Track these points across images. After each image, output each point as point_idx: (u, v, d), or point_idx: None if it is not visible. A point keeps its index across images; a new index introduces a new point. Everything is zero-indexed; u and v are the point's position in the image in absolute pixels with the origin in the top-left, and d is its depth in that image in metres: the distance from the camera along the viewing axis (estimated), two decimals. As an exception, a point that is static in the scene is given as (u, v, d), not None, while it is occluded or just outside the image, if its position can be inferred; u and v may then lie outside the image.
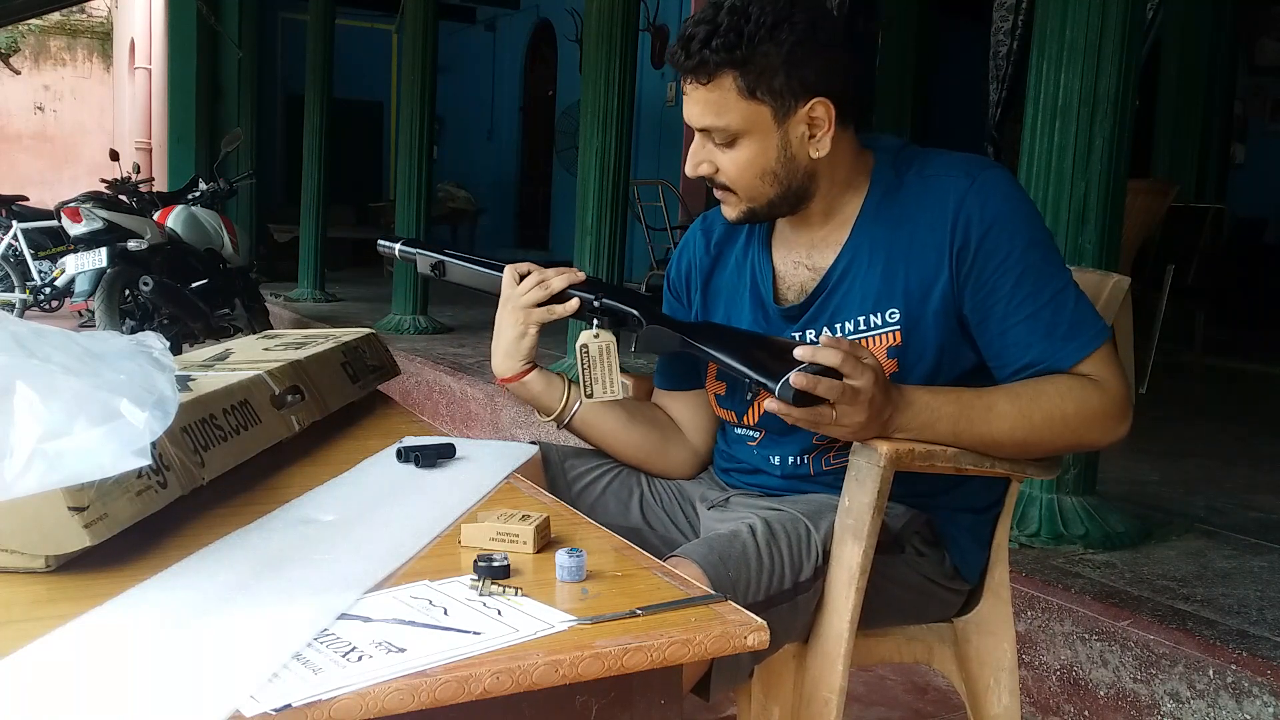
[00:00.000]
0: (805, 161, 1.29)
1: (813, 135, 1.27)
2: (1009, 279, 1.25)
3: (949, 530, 1.36)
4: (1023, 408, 1.23)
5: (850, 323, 1.31)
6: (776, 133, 1.26)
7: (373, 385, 1.60)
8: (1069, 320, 1.25)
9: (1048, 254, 1.27)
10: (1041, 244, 1.27)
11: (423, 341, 5.80)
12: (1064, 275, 1.27)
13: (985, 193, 1.26)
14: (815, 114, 1.26)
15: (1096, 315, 1.28)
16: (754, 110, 1.25)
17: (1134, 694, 1.94)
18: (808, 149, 1.28)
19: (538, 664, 0.73)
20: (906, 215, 1.30)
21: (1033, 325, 1.25)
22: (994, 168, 1.30)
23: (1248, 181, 7.93)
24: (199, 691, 0.67)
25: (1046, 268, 1.26)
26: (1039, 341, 1.25)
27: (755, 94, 1.24)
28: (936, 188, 1.29)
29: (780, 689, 1.28)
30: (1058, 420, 1.23)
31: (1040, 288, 1.25)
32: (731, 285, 1.43)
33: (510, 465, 1.25)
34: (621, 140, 4.25)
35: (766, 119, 1.26)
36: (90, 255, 5.27)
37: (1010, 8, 6.23)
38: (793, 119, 1.26)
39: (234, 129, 7.84)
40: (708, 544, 1.21)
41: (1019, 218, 1.27)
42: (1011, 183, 1.30)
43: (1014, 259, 1.25)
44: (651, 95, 9.06)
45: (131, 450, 0.84)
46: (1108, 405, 1.24)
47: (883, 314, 1.29)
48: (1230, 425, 4.21)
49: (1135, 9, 2.37)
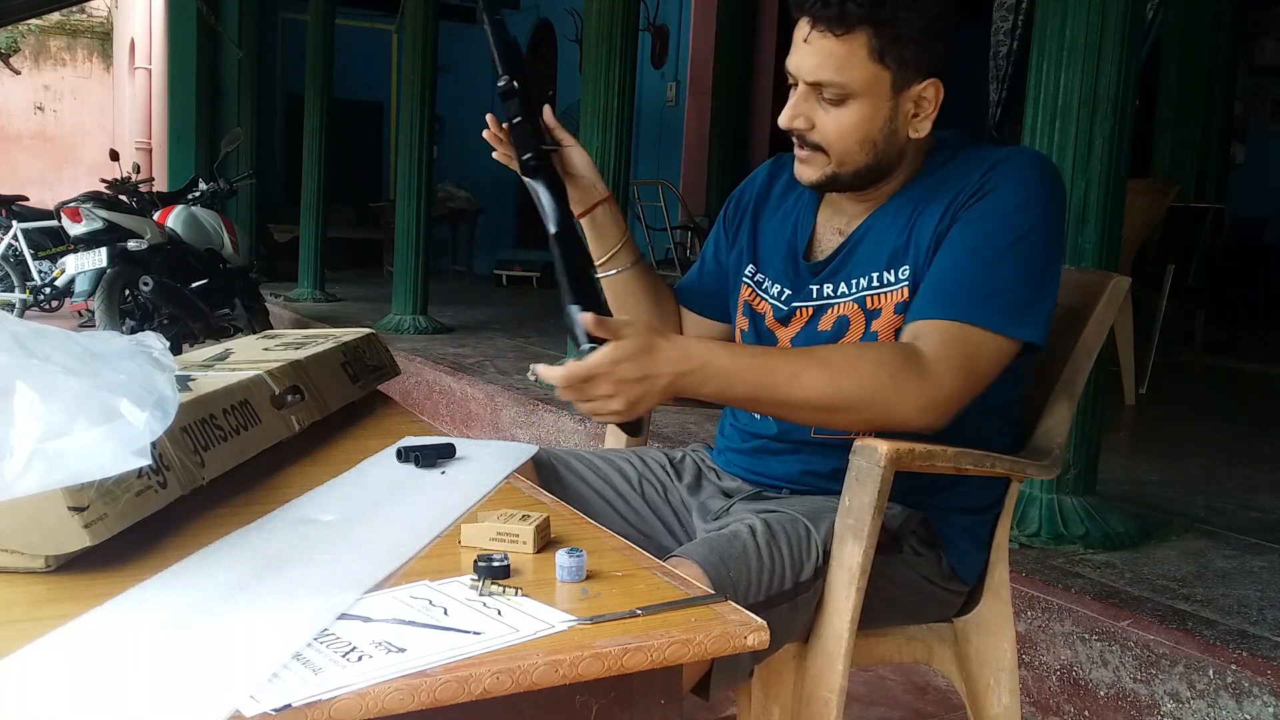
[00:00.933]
0: (902, 139, 1.29)
1: (916, 114, 1.27)
2: (970, 230, 1.25)
3: (945, 530, 1.36)
4: (832, 377, 1.17)
5: (865, 279, 1.32)
6: (889, 103, 1.25)
7: (373, 385, 1.60)
8: (984, 290, 1.21)
9: (1025, 237, 1.24)
10: (1026, 228, 1.24)
11: (423, 341, 5.80)
12: (1024, 263, 1.23)
13: (1012, 165, 1.26)
14: (926, 94, 1.26)
15: (1018, 316, 1.23)
16: (877, 74, 1.23)
17: (1134, 694, 1.94)
18: (909, 127, 1.28)
19: (538, 664, 0.73)
20: (940, 182, 1.30)
21: (950, 276, 1.23)
22: (1038, 155, 1.31)
23: (1248, 181, 7.93)
24: (199, 691, 0.67)
25: (1011, 245, 1.23)
26: (940, 290, 1.23)
27: (884, 58, 1.22)
28: (977, 158, 1.29)
29: (780, 689, 1.28)
30: (866, 396, 1.18)
31: (985, 251, 1.23)
32: (774, 232, 1.45)
33: (510, 465, 1.25)
34: (621, 140, 4.25)
35: (885, 86, 1.24)
36: (90, 255, 5.27)
37: (1010, 8, 6.23)
38: (907, 93, 1.26)
39: (234, 129, 7.84)
40: (707, 544, 1.21)
41: (1022, 196, 1.25)
42: (1043, 170, 1.29)
43: (987, 220, 1.24)
44: (651, 95, 9.06)
45: (131, 450, 0.84)
46: (921, 394, 1.18)
47: (896, 270, 1.30)
48: (1230, 425, 4.21)
49: (1135, 9, 2.37)
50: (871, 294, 1.31)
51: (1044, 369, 1.45)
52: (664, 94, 9.31)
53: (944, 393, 1.19)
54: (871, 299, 1.31)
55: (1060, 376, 1.43)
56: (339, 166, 8.49)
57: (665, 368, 1.13)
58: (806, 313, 1.37)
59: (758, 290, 1.43)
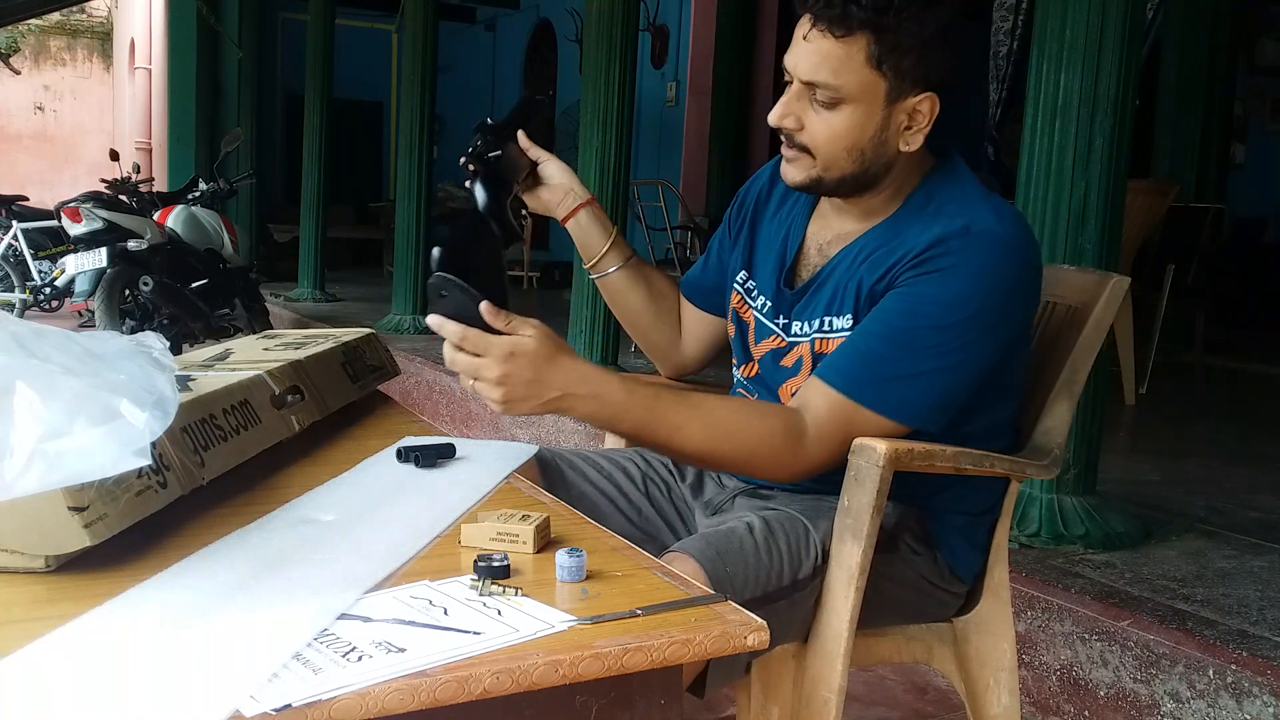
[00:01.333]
0: (892, 151, 1.26)
1: (909, 127, 1.25)
2: (899, 305, 1.22)
3: (940, 530, 1.36)
4: (711, 435, 1.22)
5: (819, 320, 1.32)
6: (882, 112, 1.23)
7: (373, 385, 1.60)
8: (887, 372, 1.21)
9: (951, 328, 1.20)
10: (955, 320, 1.20)
11: (423, 341, 5.80)
12: (939, 355, 1.21)
13: (966, 248, 1.21)
14: (921, 107, 1.24)
15: (912, 408, 1.22)
16: (872, 81, 1.22)
17: (1134, 694, 1.94)
18: (900, 139, 1.25)
19: (538, 664, 0.73)
20: (903, 230, 1.28)
21: (860, 348, 1.23)
22: (1000, 233, 1.22)
23: (1248, 181, 7.94)
24: (199, 691, 0.67)
25: (931, 333, 1.20)
26: (846, 357, 1.24)
27: (881, 65, 1.21)
28: (943, 217, 1.25)
29: (780, 689, 1.28)
30: (740, 460, 1.24)
31: (903, 334, 1.21)
32: (769, 237, 1.43)
33: (510, 465, 1.24)
34: (621, 140, 4.25)
35: (879, 94, 1.22)
36: (90, 255, 5.27)
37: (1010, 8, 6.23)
38: (901, 104, 1.23)
39: (234, 129, 7.84)
40: (705, 539, 1.21)
41: (963, 287, 1.20)
42: (997, 254, 1.22)
43: (920, 300, 1.21)
44: (651, 95, 9.06)
45: (131, 450, 0.84)
46: (794, 465, 1.24)
47: (842, 316, 1.30)
48: (1230, 425, 4.21)
49: (1135, 9, 2.37)
50: (820, 337, 1.31)
51: (1044, 369, 1.46)
52: (664, 94, 9.31)
53: (815, 464, 1.25)
54: (819, 342, 1.31)
55: (1060, 376, 1.43)
56: (339, 166, 8.48)
57: (557, 381, 1.14)
58: (779, 341, 1.37)
59: (746, 298, 1.44)
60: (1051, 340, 1.47)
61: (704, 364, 1.60)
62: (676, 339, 1.58)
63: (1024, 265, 1.26)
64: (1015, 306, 1.26)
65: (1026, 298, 1.29)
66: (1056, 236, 2.39)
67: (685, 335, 1.58)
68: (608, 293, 1.55)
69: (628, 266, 1.52)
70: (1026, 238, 1.27)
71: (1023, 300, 1.28)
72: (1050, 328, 1.49)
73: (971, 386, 1.25)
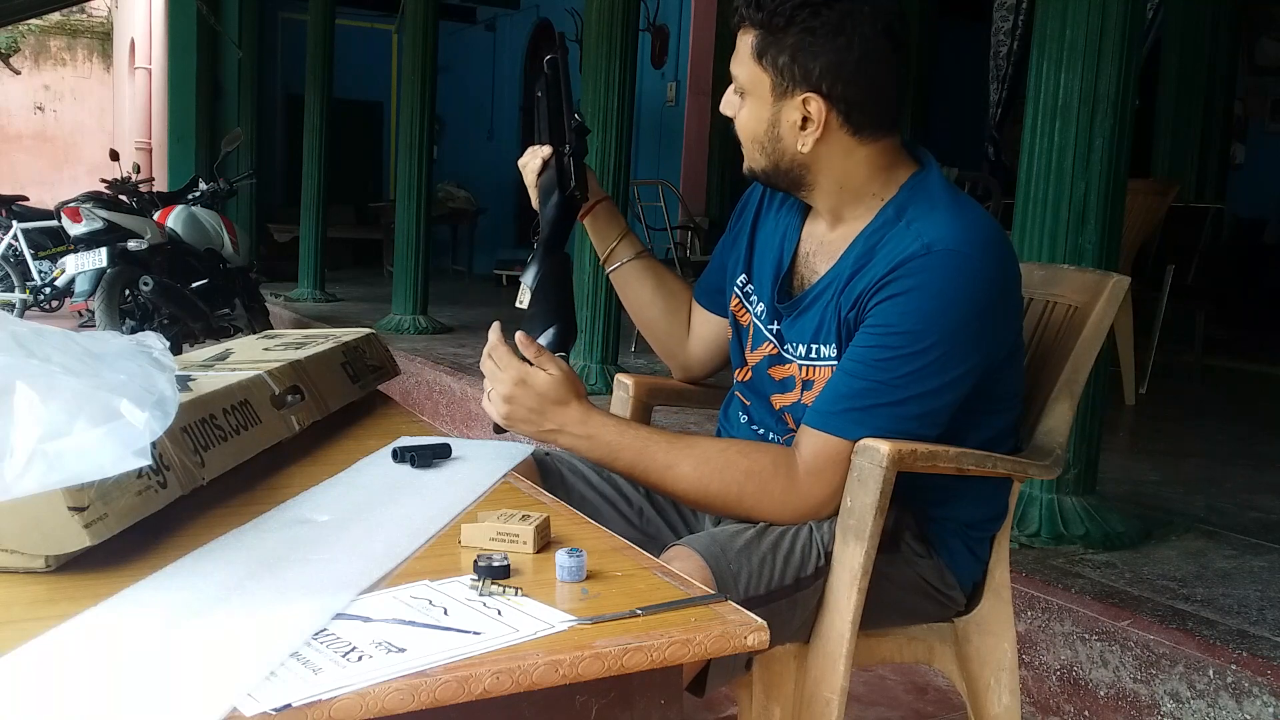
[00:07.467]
0: (793, 150, 1.27)
1: (804, 128, 1.25)
2: (872, 337, 1.22)
3: (940, 534, 1.36)
4: (702, 476, 1.26)
5: (805, 345, 1.32)
6: (771, 107, 1.26)
7: (373, 385, 1.60)
8: (869, 402, 1.22)
9: (923, 353, 1.20)
10: (926, 344, 1.20)
11: (423, 341, 5.80)
12: (917, 379, 1.20)
13: (926, 270, 1.20)
14: (809, 108, 1.24)
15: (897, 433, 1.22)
16: (758, 74, 1.26)
17: (1134, 694, 1.94)
18: (796, 139, 1.26)
19: (538, 664, 0.73)
20: (872, 252, 1.26)
21: (842, 388, 1.24)
22: (964, 251, 1.21)
23: (1248, 181, 7.94)
24: (198, 691, 0.67)
25: (906, 360, 1.20)
26: (830, 399, 1.25)
27: (761, 60, 1.25)
28: (908, 237, 1.23)
29: (781, 689, 1.28)
30: (730, 500, 1.27)
31: (879, 366, 1.21)
32: (767, 240, 1.44)
33: (506, 465, 1.24)
34: (621, 140, 4.25)
35: (766, 89, 1.26)
36: (90, 255, 5.27)
37: (1010, 8, 6.24)
38: (788, 101, 1.25)
39: (234, 129, 7.83)
40: (710, 536, 1.21)
41: (929, 307, 1.20)
42: (960, 273, 1.20)
43: (890, 328, 1.21)
44: (651, 95, 9.05)
45: (131, 450, 0.84)
46: (785, 505, 1.26)
47: (825, 345, 1.30)
48: (1230, 425, 4.21)
49: (1135, 9, 2.37)
50: (808, 365, 1.31)
51: (1044, 369, 1.46)
52: (664, 94, 9.31)
53: (809, 504, 1.26)
54: (807, 369, 1.31)
55: (1061, 376, 1.43)
56: (339, 166, 8.48)
57: (558, 420, 1.28)
58: (772, 349, 1.37)
59: (745, 302, 1.43)
60: (1051, 340, 1.47)
61: (711, 367, 1.60)
62: (684, 338, 1.59)
63: (991, 280, 1.23)
64: (988, 321, 1.24)
65: (999, 311, 1.26)
66: (1056, 236, 2.39)
67: (691, 336, 1.59)
68: (620, 286, 1.59)
69: (639, 259, 1.57)
70: (994, 250, 1.24)
71: (995, 315, 1.25)
72: (1050, 328, 1.48)
73: (957, 402, 1.25)
